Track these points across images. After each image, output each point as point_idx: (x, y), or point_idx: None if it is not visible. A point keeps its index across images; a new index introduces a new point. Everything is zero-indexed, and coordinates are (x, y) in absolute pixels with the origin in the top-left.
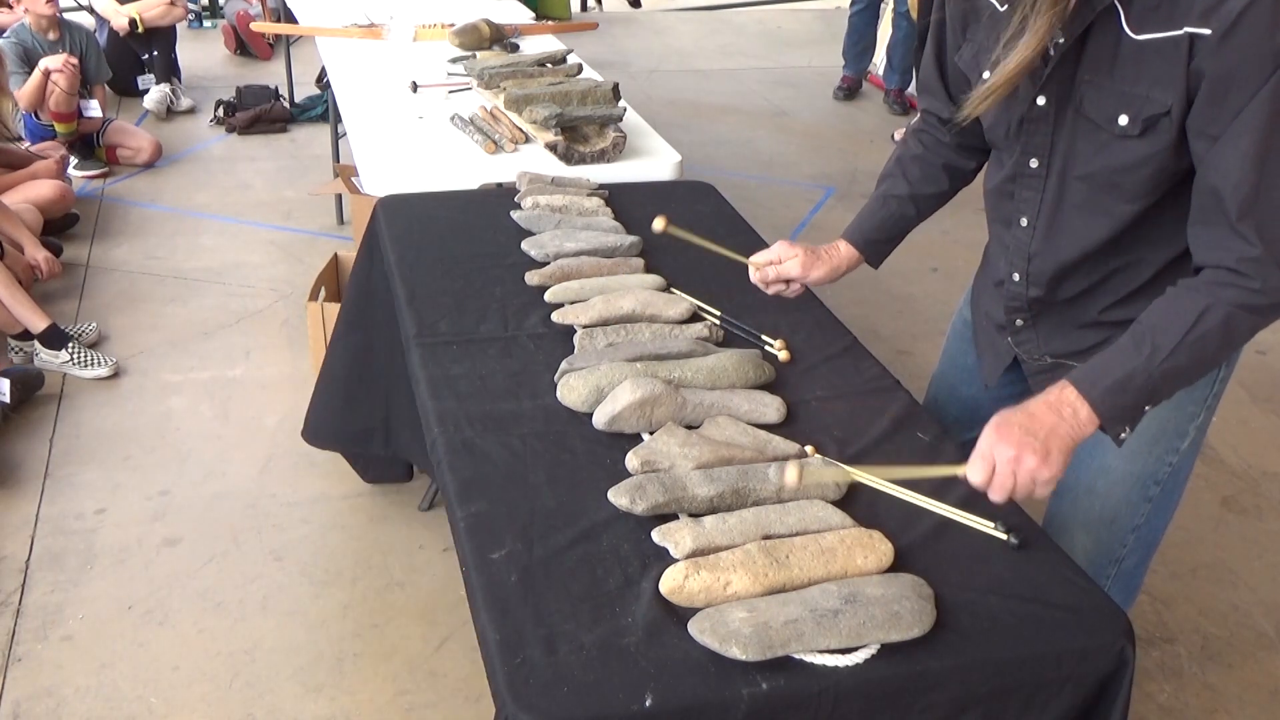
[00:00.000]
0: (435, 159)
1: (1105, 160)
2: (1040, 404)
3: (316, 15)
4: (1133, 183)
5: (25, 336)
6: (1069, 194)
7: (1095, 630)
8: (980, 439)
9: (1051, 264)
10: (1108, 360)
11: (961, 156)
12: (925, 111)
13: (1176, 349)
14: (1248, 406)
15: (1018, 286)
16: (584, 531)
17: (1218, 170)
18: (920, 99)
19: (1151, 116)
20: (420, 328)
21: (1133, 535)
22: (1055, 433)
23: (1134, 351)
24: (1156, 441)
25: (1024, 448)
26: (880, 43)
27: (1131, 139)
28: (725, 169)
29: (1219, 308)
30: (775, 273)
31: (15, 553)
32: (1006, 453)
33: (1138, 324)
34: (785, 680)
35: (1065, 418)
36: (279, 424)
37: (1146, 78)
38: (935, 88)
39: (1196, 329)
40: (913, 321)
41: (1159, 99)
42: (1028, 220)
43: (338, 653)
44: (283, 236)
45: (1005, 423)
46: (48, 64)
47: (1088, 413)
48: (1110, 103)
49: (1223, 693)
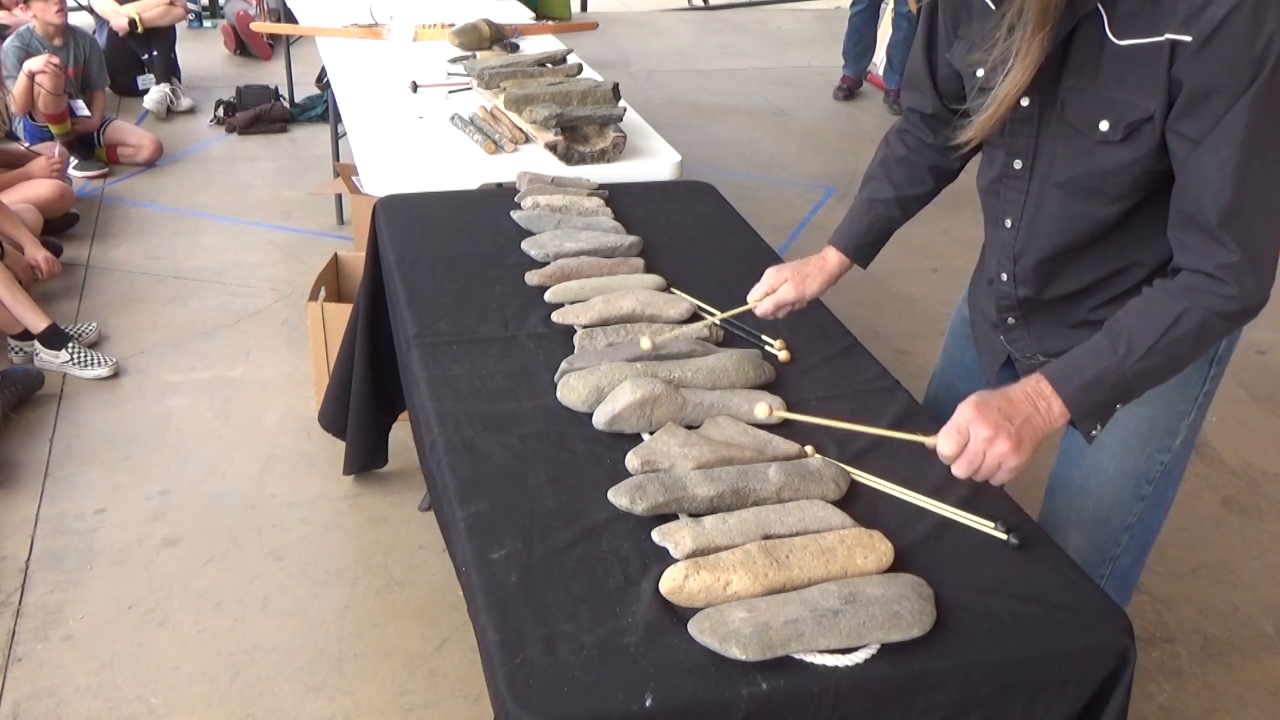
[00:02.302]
0: (435, 159)
1: (1087, 165)
2: (1018, 392)
3: (316, 15)
4: (1115, 186)
5: (25, 336)
6: (1050, 196)
7: (1095, 630)
8: (956, 413)
9: (1036, 264)
10: (1083, 357)
11: (946, 157)
12: (910, 110)
13: (1151, 350)
14: (1248, 406)
15: (1006, 285)
16: (584, 531)
17: (1198, 177)
18: (905, 96)
19: (1134, 122)
20: (420, 328)
21: (1126, 534)
22: (1029, 423)
23: (1109, 351)
24: (1148, 440)
25: (1000, 431)
26: (880, 43)
27: (1113, 144)
28: (725, 169)
29: (1195, 313)
30: (773, 302)
31: (15, 553)
32: (982, 432)
33: (1113, 323)
34: (785, 680)
35: (1040, 410)
36: (279, 424)
37: (1129, 83)
38: (923, 84)
39: (1172, 332)
40: (913, 321)
41: (1141, 105)
42: (1012, 221)
43: (338, 653)
44: (283, 236)
45: (984, 403)
46: (31, 66)
47: (1060, 408)
48: (1092, 108)
49: (1223, 693)
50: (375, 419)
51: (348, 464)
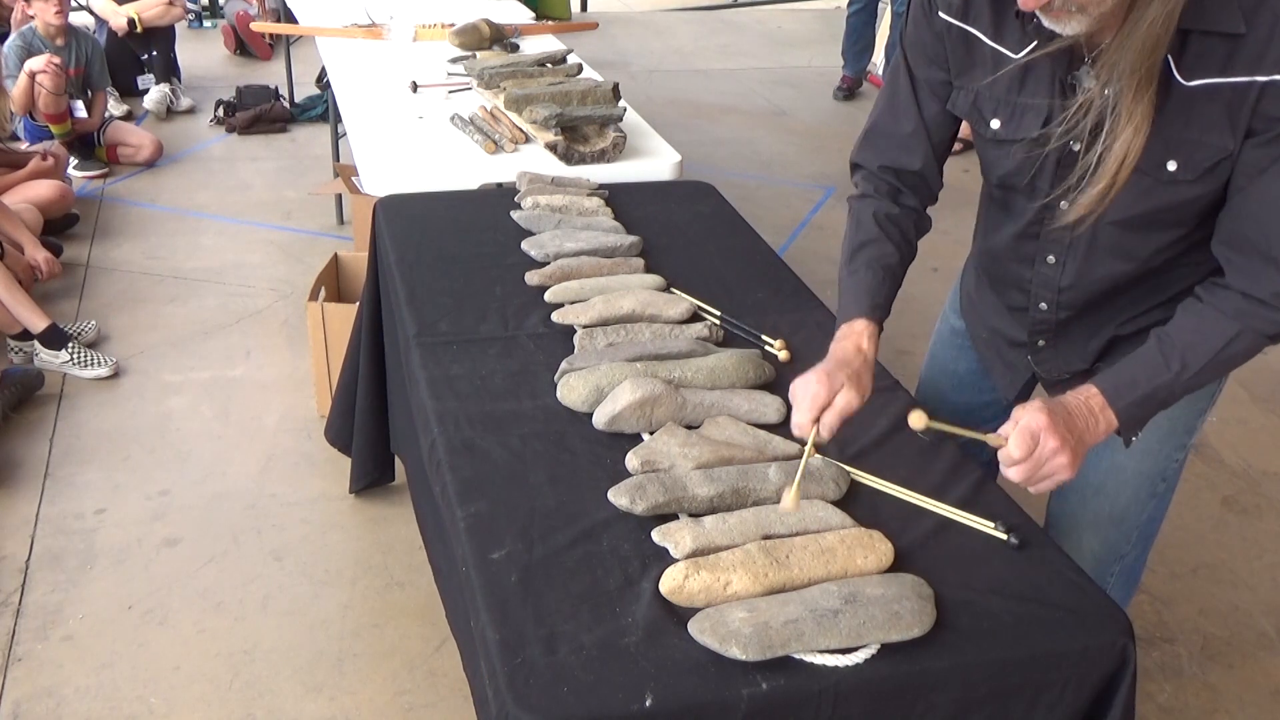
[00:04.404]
0: (435, 159)
1: (1150, 203)
2: (1075, 404)
3: (316, 15)
4: (1177, 216)
5: (25, 336)
6: (1105, 233)
7: (1096, 630)
8: (1028, 417)
9: (1086, 293)
10: (1135, 372)
11: (921, 218)
12: (884, 169)
13: (1204, 369)
14: (1248, 406)
15: (1046, 313)
16: (584, 531)
17: (1261, 202)
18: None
19: (1215, 164)
20: (420, 328)
21: (1136, 531)
22: (1083, 439)
23: (1164, 368)
24: (1166, 439)
25: (1065, 445)
26: (879, 43)
27: (1184, 183)
28: (725, 169)
29: (1248, 335)
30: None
31: (15, 553)
32: (1051, 442)
33: (1166, 339)
34: (785, 680)
35: (1090, 428)
36: (279, 424)
37: (1198, 124)
38: (913, 142)
39: (1225, 352)
40: (913, 321)
41: (1216, 144)
42: (1055, 258)
43: (338, 653)
44: (283, 236)
45: (1054, 413)
46: (32, 65)
47: (1109, 421)
48: (1157, 149)
49: (1223, 693)
50: (382, 433)
51: (353, 482)
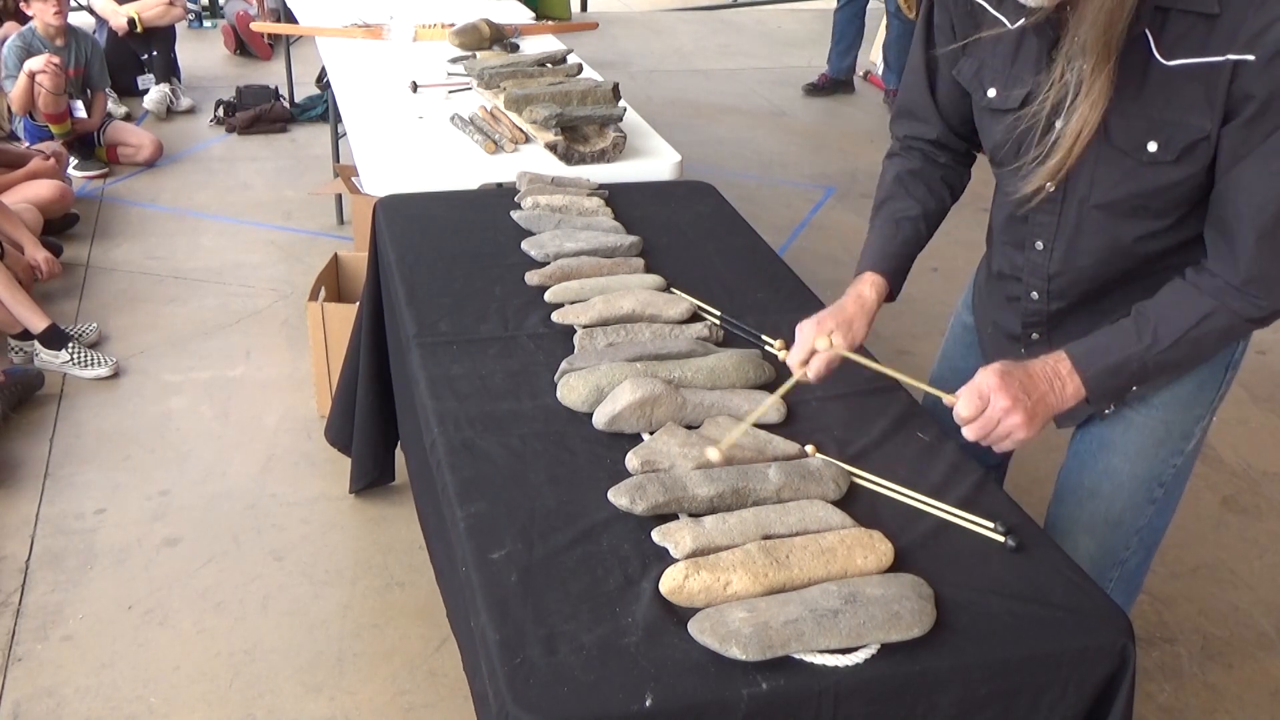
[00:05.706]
0: (435, 159)
1: (1132, 185)
2: (1038, 368)
3: (316, 15)
4: (1162, 202)
5: (25, 336)
6: (1089, 217)
7: (1096, 630)
8: (978, 377)
9: (1075, 280)
10: (1106, 341)
11: (956, 171)
12: (909, 138)
13: (1176, 343)
14: (1248, 406)
15: (1037, 304)
16: (584, 531)
17: (1243, 188)
18: (901, 125)
19: (1191, 143)
20: (420, 328)
21: (1136, 537)
22: (1044, 400)
23: (1135, 338)
24: (1162, 443)
25: (1018, 403)
26: (877, 43)
27: (1164, 164)
28: (725, 169)
29: (1223, 314)
30: (824, 362)
31: (15, 553)
32: (1001, 401)
33: (1142, 312)
34: (785, 680)
35: (1055, 390)
36: (279, 424)
37: (1178, 103)
38: (925, 112)
39: (1199, 328)
40: (913, 321)
41: (1195, 124)
42: (1044, 243)
43: (338, 653)
44: (283, 236)
45: (1008, 373)
46: (31, 65)
47: (1075, 387)
48: (1139, 130)
49: (1223, 693)
50: (382, 433)
51: (353, 481)
